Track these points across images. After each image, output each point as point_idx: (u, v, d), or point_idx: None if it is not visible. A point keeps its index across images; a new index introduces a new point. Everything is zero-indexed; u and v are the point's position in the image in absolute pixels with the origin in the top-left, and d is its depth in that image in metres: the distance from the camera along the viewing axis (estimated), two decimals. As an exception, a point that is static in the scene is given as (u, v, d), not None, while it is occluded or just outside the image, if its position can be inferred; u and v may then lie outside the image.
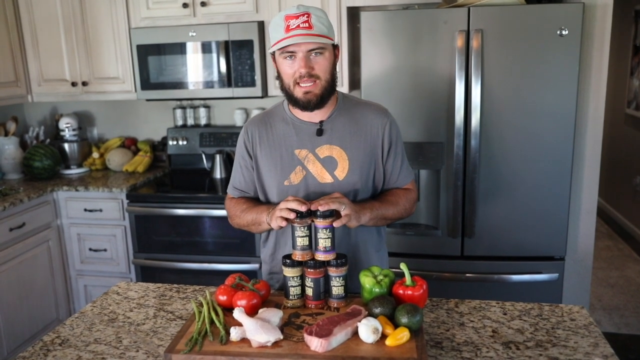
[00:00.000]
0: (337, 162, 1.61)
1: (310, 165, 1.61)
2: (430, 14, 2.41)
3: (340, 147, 1.61)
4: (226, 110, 3.53)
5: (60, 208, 3.18)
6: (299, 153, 1.62)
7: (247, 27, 2.98)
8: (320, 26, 1.49)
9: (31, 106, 3.78)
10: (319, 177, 1.61)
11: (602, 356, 1.29)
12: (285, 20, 1.48)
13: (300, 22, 1.47)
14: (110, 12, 3.17)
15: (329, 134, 1.62)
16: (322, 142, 1.61)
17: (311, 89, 1.53)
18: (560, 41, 2.31)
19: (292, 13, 1.48)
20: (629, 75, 4.85)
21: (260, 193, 1.70)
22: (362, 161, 1.62)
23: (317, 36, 1.48)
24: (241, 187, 1.73)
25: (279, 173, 1.63)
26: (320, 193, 1.59)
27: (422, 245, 2.56)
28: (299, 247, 1.47)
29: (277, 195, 1.64)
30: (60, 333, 1.48)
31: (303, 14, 1.48)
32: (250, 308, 1.40)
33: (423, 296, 1.41)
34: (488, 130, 2.42)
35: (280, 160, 1.63)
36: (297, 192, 1.61)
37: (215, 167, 3.30)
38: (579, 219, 2.68)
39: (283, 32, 1.48)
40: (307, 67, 1.50)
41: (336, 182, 1.61)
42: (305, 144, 1.62)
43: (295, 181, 1.62)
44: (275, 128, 1.65)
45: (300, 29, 1.47)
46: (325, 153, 1.61)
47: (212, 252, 2.99)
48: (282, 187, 1.62)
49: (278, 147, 1.64)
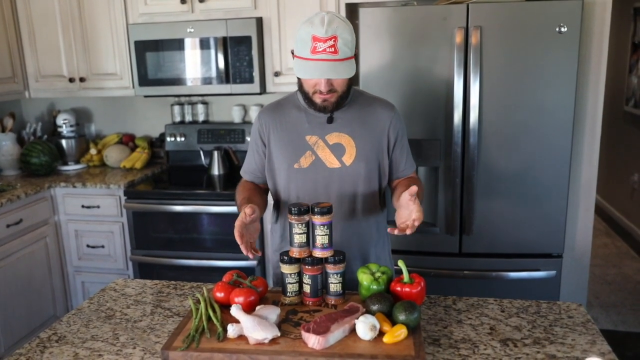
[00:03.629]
0: (345, 149, 1.67)
1: (319, 151, 1.67)
2: (429, 11, 2.40)
3: (349, 135, 1.67)
4: (224, 106, 3.53)
5: (57, 204, 3.17)
6: (310, 139, 1.68)
7: (246, 23, 2.97)
8: (346, 49, 1.52)
9: (28, 102, 3.76)
10: (327, 162, 1.67)
11: (599, 353, 1.29)
12: (313, 40, 1.50)
13: (327, 46, 1.49)
14: (108, 8, 3.15)
15: (339, 122, 1.68)
16: (332, 130, 1.67)
17: (328, 98, 1.60)
18: (559, 38, 2.31)
19: (320, 36, 1.49)
20: (627, 73, 4.85)
21: (268, 177, 1.75)
22: (369, 150, 1.68)
23: (341, 61, 1.51)
24: (251, 170, 1.80)
25: (289, 156, 1.69)
26: (328, 177, 1.67)
27: (420, 242, 2.56)
28: (297, 244, 1.47)
29: (286, 178, 1.70)
30: (57, 330, 1.48)
31: (330, 38, 1.49)
32: (247, 305, 1.40)
33: (421, 293, 1.41)
34: (486, 128, 2.42)
35: (292, 144, 1.69)
36: (306, 175, 1.68)
37: (213, 164, 3.29)
38: (577, 217, 2.68)
39: (309, 52, 1.51)
40: (328, 86, 1.57)
41: (343, 167, 1.67)
42: (315, 131, 1.68)
43: (304, 165, 1.68)
44: (289, 114, 1.72)
45: (327, 54, 1.50)
46: (335, 140, 1.67)
47: (210, 249, 2.99)
48: (292, 170, 1.69)
49: (290, 132, 1.70)
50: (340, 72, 1.52)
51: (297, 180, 1.69)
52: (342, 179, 1.67)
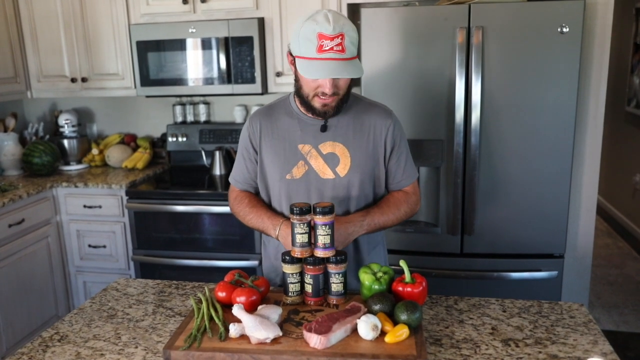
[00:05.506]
0: (339, 159, 1.62)
1: (312, 161, 1.62)
2: (431, 11, 2.40)
3: (343, 144, 1.62)
4: (226, 106, 3.53)
5: (59, 204, 3.17)
6: (302, 148, 1.62)
7: (247, 23, 2.97)
8: (352, 48, 1.45)
9: (30, 102, 3.77)
10: (320, 173, 1.62)
11: (601, 354, 1.29)
12: (319, 38, 1.42)
13: (334, 44, 1.42)
14: (110, 8, 3.16)
15: (333, 130, 1.62)
16: (325, 139, 1.62)
17: (329, 102, 1.53)
18: (561, 38, 2.31)
19: (327, 33, 1.41)
20: (629, 73, 4.84)
21: (261, 186, 1.70)
22: (364, 160, 1.63)
23: (349, 60, 1.45)
24: (244, 179, 1.73)
25: (281, 166, 1.63)
26: (322, 188, 1.61)
27: (421, 242, 2.56)
28: (298, 244, 1.47)
29: (278, 189, 1.65)
30: (59, 329, 1.48)
31: (338, 36, 1.42)
32: (249, 305, 1.40)
33: (422, 293, 1.41)
34: (488, 128, 2.42)
35: (284, 153, 1.63)
36: (298, 186, 1.62)
37: (214, 164, 3.29)
38: (579, 217, 2.68)
39: (314, 51, 1.43)
40: (333, 88, 1.50)
41: (337, 178, 1.62)
42: (308, 139, 1.62)
43: (297, 175, 1.62)
44: (280, 121, 1.65)
45: (334, 52, 1.42)
46: (328, 149, 1.62)
47: (212, 249, 2.99)
48: (284, 181, 1.63)
49: (282, 140, 1.64)
50: (350, 71, 1.44)
51: (289, 191, 1.63)
52: (335, 190, 1.62)
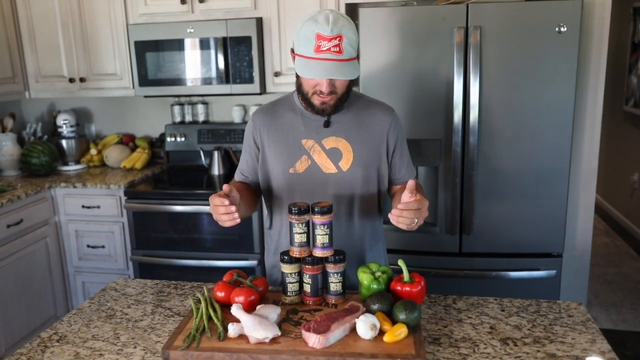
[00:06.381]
0: (342, 154, 1.64)
1: (315, 156, 1.64)
2: (429, 11, 2.40)
3: (346, 139, 1.64)
4: (224, 106, 3.53)
5: (58, 205, 3.17)
6: (306, 143, 1.65)
7: (246, 23, 2.97)
8: (350, 50, 1.47)
9: (29, 102, 3.76)
10: (323, 167, 1.64)
11: (599, 352, 1.29)
12: (317, 39, 1.44)
13: (331, 45, 1.44)
14: (108, 8, 3.16)
15: (336, 126, 1.64)
16: (328, 134, 1.64)
17: (327, 100, 1.55)
18: (558, 38, 2.31)
19: (325, 34, 1.44)
20: (627, 72, 4.85)
21: (262, 180, 1.72)
22: (367, 155, 1.65)
23: (345, 62, 1.47)
24: (243, 172, 1.77)
25: (284, 160, 1.66)
26: (325, 182, 1.64)
27: (420, 242, 2.56)
28: (297, 244, 1.47)
29: (281, 183, 1.67)
30: (58, 329, 1.48)
31: (335, 37, 1.44)
32: (248, 304, 1.40)
33: (421, 293, 1.41)
34: (486, 127, 2.42)
35: (287, 148, 1.66)
36: (302, 180, 1.65)
37: (213, 164, 3.29)
38: (577, 216, 2.68)
39: (312, 51, 1.46)
40: (329, 87, 1.52)
41: (340, 172, 1.64)
42: (312, 135, 1.64)
43: (300, 169, 1.65)
44: (283, 117, 1.68)
45: (331, 53, 1.44)
46: (331, 144, 1.64)
47: (210, 249, 2.99)
48: (287, 175, 1.65)
49: (285, 135, 1.66)
50: (345, 72, 1.47)
51: (292, 185, 1.65)
52: (338, 184, 1.64)
